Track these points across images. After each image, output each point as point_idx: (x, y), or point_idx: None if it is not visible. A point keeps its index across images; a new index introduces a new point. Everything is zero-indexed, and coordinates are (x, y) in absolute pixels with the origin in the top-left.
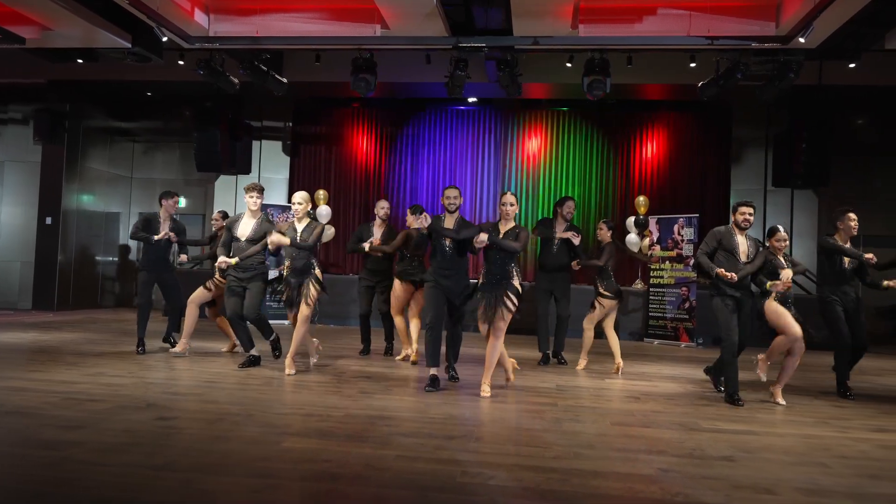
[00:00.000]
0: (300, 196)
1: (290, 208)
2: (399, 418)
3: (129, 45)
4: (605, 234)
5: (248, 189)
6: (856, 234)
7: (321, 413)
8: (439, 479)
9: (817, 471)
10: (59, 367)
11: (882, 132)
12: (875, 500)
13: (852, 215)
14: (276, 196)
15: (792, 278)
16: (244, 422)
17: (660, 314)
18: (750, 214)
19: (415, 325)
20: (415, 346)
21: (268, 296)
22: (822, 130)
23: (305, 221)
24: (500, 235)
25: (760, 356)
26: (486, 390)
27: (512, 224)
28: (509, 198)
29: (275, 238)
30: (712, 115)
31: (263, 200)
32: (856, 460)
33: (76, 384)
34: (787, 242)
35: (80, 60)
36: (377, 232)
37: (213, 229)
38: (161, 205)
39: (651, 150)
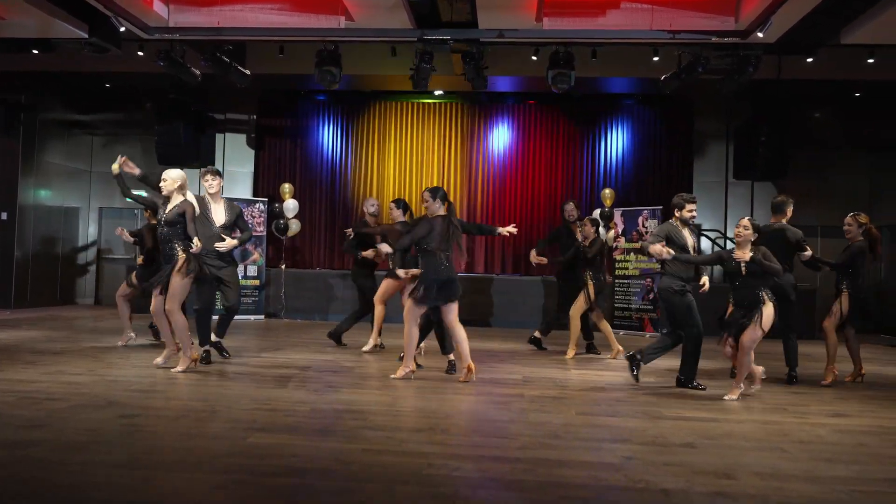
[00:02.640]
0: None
1: (255, 202)
2: (366, 412)
3: (86, 36)
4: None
5: (204, 174)
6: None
7: (287, 408)
8: (405, 471)
9: (775, 455)
10: (17, 366)
11: (839, 125)
12: (830, 482)
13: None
14: (241, 190)
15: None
16: (208, 418)
17: (625, 305)
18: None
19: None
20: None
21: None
22: (781, 124)
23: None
24: None
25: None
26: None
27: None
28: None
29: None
30: (675, 109)
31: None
32: (812, 445)
33: (35, 383)
34: None
35: (35, 51)
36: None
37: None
38: None
39: (616, 142)
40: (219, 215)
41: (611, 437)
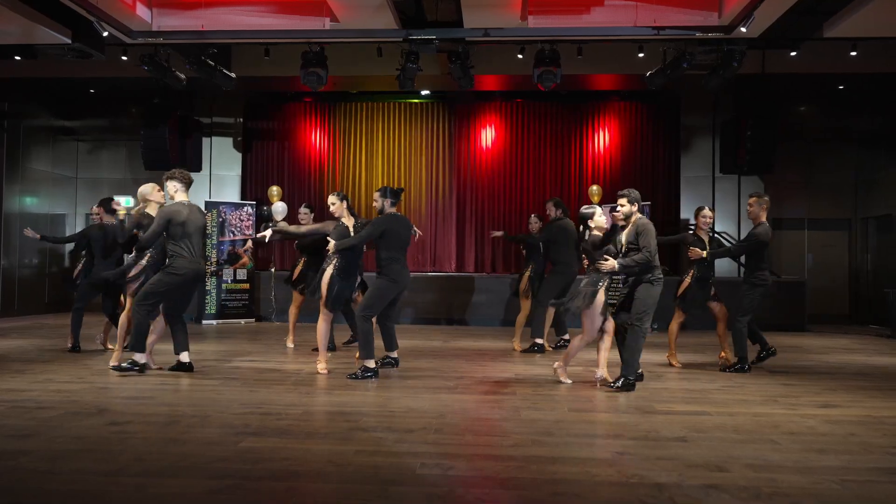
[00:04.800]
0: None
1: (242, 206)
2: (358, 413)
3: (69, 41)
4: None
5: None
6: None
7: (279, 411)
8: (399, 471)
9: (767, 447)
10: (6, 375)
11: (824, 119)
12: (821, 472)
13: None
14: (229, 193)
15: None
16: (200, 423)
17: (615, 301)
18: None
19: None
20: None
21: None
22: (767, 118)
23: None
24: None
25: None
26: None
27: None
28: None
29: None
30: (662, 105)
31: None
32: (803, 436)
33: (24, 392)
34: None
35: (17, 58)
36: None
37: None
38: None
39: (603, 139)
40: None
41: (603, 432)
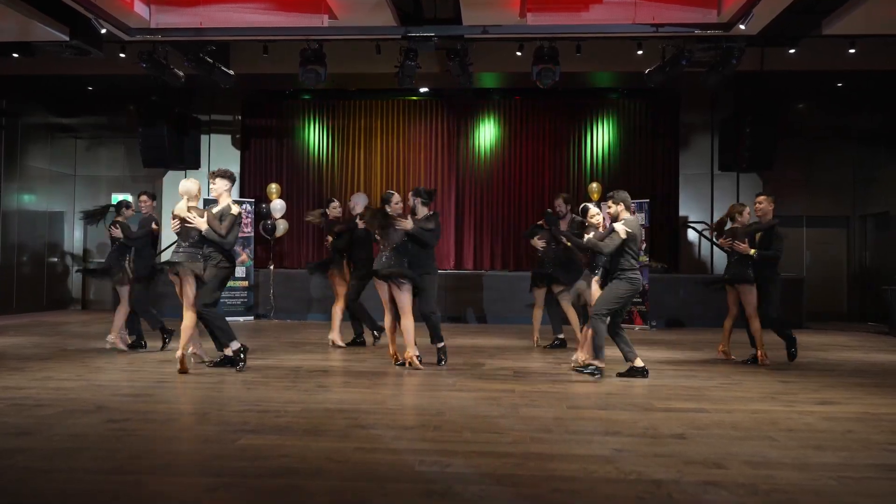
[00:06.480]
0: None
1: (241, 203)
2: (357, 410)
3: (67, 38)
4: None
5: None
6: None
7: (278, 409)
8: (397, 468)
9: (765, 444)
10: (4, 373)
11: (823, 116)
12: (819, 469)
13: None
14: None
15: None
16: (198, 421)
17: None
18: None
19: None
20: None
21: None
22: (766, 115)
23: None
24: None
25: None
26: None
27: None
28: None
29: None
30: (661, 102)
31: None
32: (801, 433)
33: (22, 389)
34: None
35: (15, 55)
36: None
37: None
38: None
39: (602, 136)
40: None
41: (601, 429)
